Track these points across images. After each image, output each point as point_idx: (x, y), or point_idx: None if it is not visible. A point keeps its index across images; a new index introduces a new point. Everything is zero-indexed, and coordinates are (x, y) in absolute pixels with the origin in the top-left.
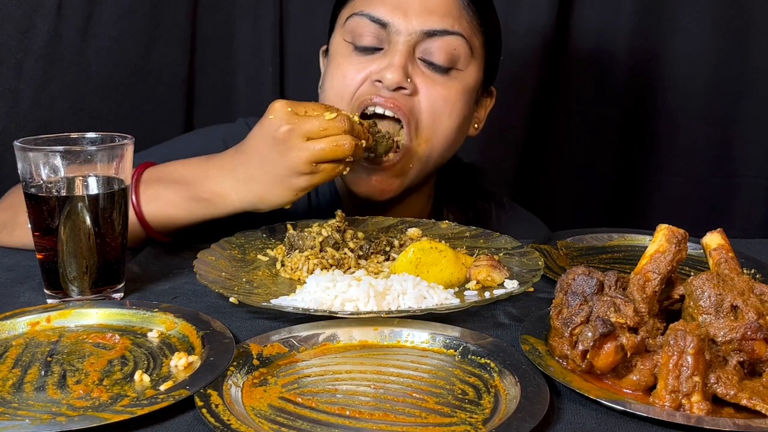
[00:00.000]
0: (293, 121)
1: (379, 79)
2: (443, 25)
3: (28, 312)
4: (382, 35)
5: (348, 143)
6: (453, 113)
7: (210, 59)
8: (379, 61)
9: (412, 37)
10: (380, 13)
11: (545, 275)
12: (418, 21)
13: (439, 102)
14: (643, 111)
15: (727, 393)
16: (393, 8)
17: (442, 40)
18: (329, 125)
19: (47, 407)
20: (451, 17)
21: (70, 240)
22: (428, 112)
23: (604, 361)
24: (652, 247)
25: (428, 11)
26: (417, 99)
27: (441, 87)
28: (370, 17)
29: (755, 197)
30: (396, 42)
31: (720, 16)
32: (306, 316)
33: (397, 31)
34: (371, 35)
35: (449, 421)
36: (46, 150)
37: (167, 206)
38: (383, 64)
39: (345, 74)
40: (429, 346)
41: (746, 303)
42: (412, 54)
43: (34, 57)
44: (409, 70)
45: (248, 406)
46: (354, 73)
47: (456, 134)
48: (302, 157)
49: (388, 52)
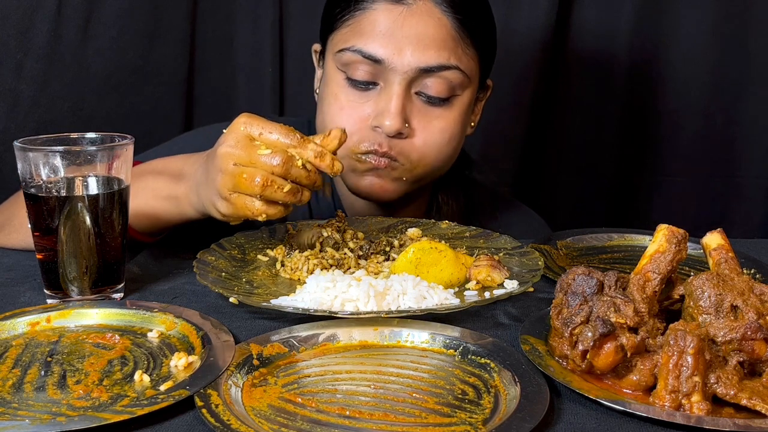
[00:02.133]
0: (235, 145)
1: (377, 125)
2: (439, 61)
3: (28, 312)
4: (376, 71)
5: (260, 181)
6: (451, 139)
7: (210, 59)
8: (375, 100)
9: (407, 74)
10: (373, 50)
11: (545, 275)
12: (414, 58)
13: (435, 135)
14: (643, 111)
15: (727, 393)
16: (387, 43)
17: (438, 75)
18: (257, 161)
19: (47, 407)
20: (447, 50)
21: (70, 240)
22: (424, 147)
23: (604, 361)
24: (652, 247)
25: (424, 46)
26: (413, 140)
27: (437, 120)
28: (363, 54)
29: (755, 197)
30: (392, 82)
31: (720, 16)
32: (306, 316)
33: (393, 68)
34: (365, 71)
35: (449, 421)
36: (45, 150)
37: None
38: (380, 106)
39: (342, 108)
40: (429, 346)
41: (746, 303)
42: (408, 92)
43: (33, 57)
44: (406, 111)
45: (248, 406)
46: (350, 110)
47: (454, 151)
48: (224, 182)
49: (384, 91)
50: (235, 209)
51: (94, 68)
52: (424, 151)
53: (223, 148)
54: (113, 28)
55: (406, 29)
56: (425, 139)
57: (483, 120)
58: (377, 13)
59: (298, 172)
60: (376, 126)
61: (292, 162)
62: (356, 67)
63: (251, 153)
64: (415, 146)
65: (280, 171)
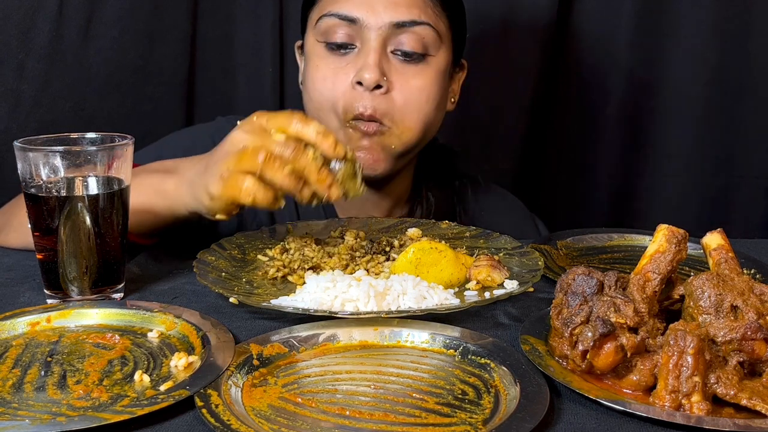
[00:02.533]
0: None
1: (358, 80)
2: (410, 16)
3: (28, 312)
4: (352, 32)
5: (263, 156)
6: (429, 99)
7: (210, 59)
8: (355, 61)
9: (382, 30)
10: (348, 10)
11: (545, 275)
12: (387, 14)
13: (414, 93)
14: (643, 111)
15: (727, 393)
16: (360, 4)
17: (411, 30)
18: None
19: (47, 407)
20: (417, 8)
21: (70, 240)
22: (404, 105)
23: (604, 361)
24: (652, 247)
25: (394, 4)
26: (392, 95)
27: (415, 78)
28: (339, 16)
29: (755, 197)
30: (368, 39)
31: (720, 16)
32: (306, 316)
33: (367, 26)
34: (343, 33)
35: (449, 421)
36: (45, 150)
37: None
38: (359, 64)
39: (325, 77)
40: (429, 346)
41: (746, 303)
42: (384, 49)
43: (35, 57)
44: (383, 66)
45: (248, 407)
46: (333, 77)
47: (434, 115)
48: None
49: (361, 51)
50: (226, 188)
51: (96, 68)
52: (405, 111)
53: (236, 133)
54: (114, 28)
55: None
56: (405, 97)
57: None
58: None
59: (306, 162)
60: (357, 81)
61: (301, 151)
62: (334, 31)
63: (264, 138)
64: (396, 104)
65: (286, 155)
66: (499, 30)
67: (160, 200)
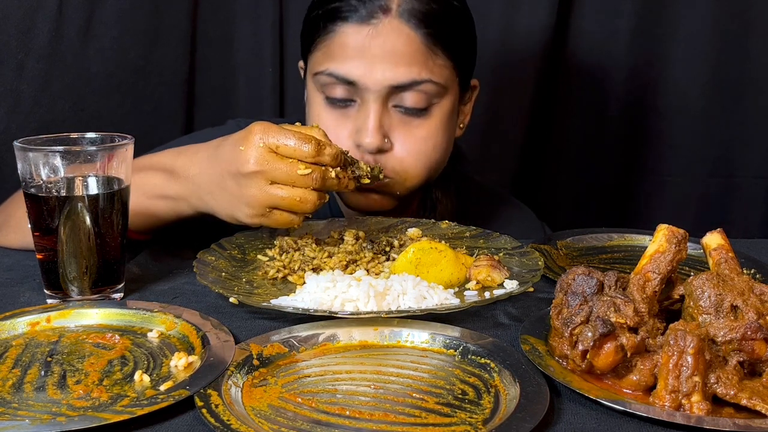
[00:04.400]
0: (263, 163)
1: (358, 143)
2: (410, 76)
3: (28, 312)
4: (351, 90)
5: (312, 201)
6: (435, 146)
7: (210, 59)
8: (355, 116)
9: (381, 92)
10: (345, 71)
11: (545, 275)
12: (385, 76)
13: (418, 144)
14: (643, 111)
15: (727, 393)
16: (358, 64)
17: (412, 89)
18: (298, 180)
19: (47, 407)
20: (417, 65)
21: (70, 240)
22: (408, 156)
23: (604, 361)
24: (652, 247)
25: (394, 63)
26: (395, 151)
27: (418, 128)
28: (336, 76)
29: (755, 197)
30: (367, 99)
31: (720, 16)
32: (306, 316)
33: (366, 87)
34: (341, 90)
35: (449, 421)
36: (45, 150)
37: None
38: (358, 123)
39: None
40: (429, 346)
41: (746, 303)
42: (384, 107)
43: (35, 57)
44: (384, 124)
45: (248, 407)
46: (335, 129)
47: (442, 156)
48: (259, 198)
49: (361, 108)
50: (274, 223)
51: (95, 68)
52: (409, 162)
53: (251, 167)
54: (114, 29)
55: (375, 48)
56: (408, 150)
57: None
58: (346, 36)
59: (331, 183)
60: (357, 144)
61: (327, 176)
62: (332, 88)
63: (289, 169)
64: (398, 158)
65: (318, 185)
66: (499, 30)
67: (164, 205)
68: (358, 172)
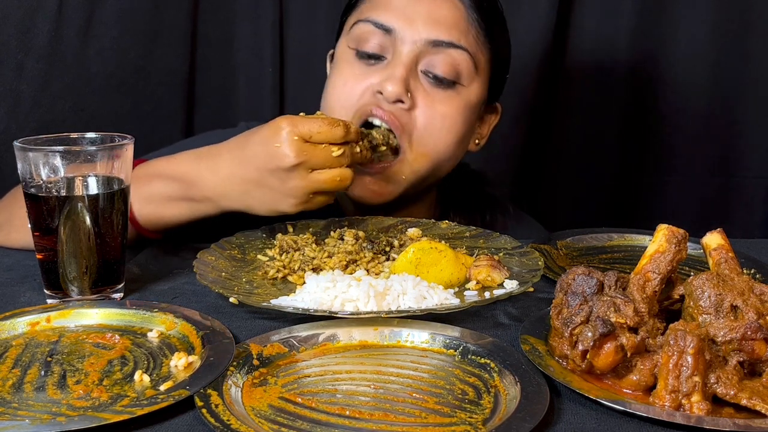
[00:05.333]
0: (302, 154)
1: (379, 90)
2: (449, 37)
3: (28, 312)
4: (386, 43)
5: (348, 178)
6: (452, 129)
7: (210, 59)
8: (381, 71)
9: (416, 46)
10: (385, 19)
11: (545, 275)
12: (425, 30)
13: (437, 118)
14: (643, 111)
15: (727, 393)
16: (399, 15)
17: (446, 53)
18: (335, 162)
19: (47, 407)
20: (458, 30)
21: (70, 240)
22: (424, 128)
23: (604, 361)
24: (652, 247)
25: (435, 21)
26: (414, 114)
27: (441, 104)
28: (375, 23)
29: (755, 197)
30: (400, 52)
31: (720, 16)
32: (306, 316)
33: (402, 38)
34: (375, 42)
35: (449, 421)
36: (45, 150)
37: (158, 204)
38: (384, 76)
39: (346, 82)
40: (429, 346)
41: (746, 303)
42: (414, 67)
43: (34, 57)
44: (410, 83)
45: (248, 406)
46: (354, 82)
47: (454, 149)
48: (303, 187)
49: (390, 63)
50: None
51: (95, 68)
52: (424, 134)
53: (291, 161)
54: (114, 29)
55: (421, 6)
56: (426, 119)
57: None
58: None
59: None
60: (378, 91)
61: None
62: (367, 38)
63: (325, 154)
64: (416, 121)
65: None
66: None
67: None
68: (374, 142)
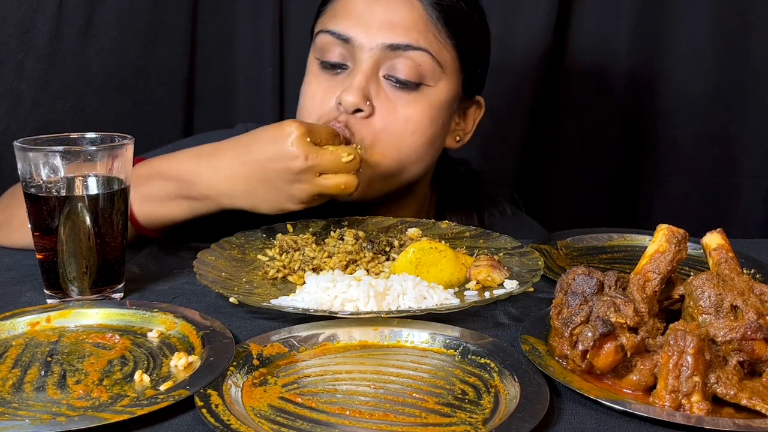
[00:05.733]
0: (312, 156)
1: (339, 101)
2: (407, 40)
3: (28, 312)
4: (346, 52)
5: (353, 186)
6: (417, 131)
7: (210, 59)
8: (343, 81)
9: (374, 52)
10: (343, 28)
11: (545, 275)
12: (381, 35)
13: (398, 122)
14: (643, 111)
15: (727, 393)
16: (356, 22)
17: (406, 55)
18: (344, 167)
19: (47, 407)
20: (416, 31)
21: (70, 240)
22: (383, 131)
23: (604, 361)
24: (652, 247)
25: (391, 25)
26: (372, 120)
27: (404, 107)
28: (333, 33)
29: (755, 197)
30: (360, 60)
31: (719, 17)
32: (306, 316)
33: (360, 45)
34: (337, 52)
35: (449, 421)
36: (45, 150)
37: (157, 203)
38: (345, 84)
39: (314, 95)
40: (429, 346)
41: (746, 303)
42: (375, 72)
43: (34, 57)
44: (370, 91)
45: (248, 406)
46: (322, 95)
47: (422, 150)
48: (309, 191)
49: (352, 71)
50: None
51: (95, 68)
52: (382, 137)
53: (301, 163)
54: (114, 29)
55: (377, 11)
56: (386, 123)
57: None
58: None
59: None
60: (338, 102)
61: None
62: (329, 49)
63: (335, 159)
64: (373, 127)
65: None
66: (499, 30)
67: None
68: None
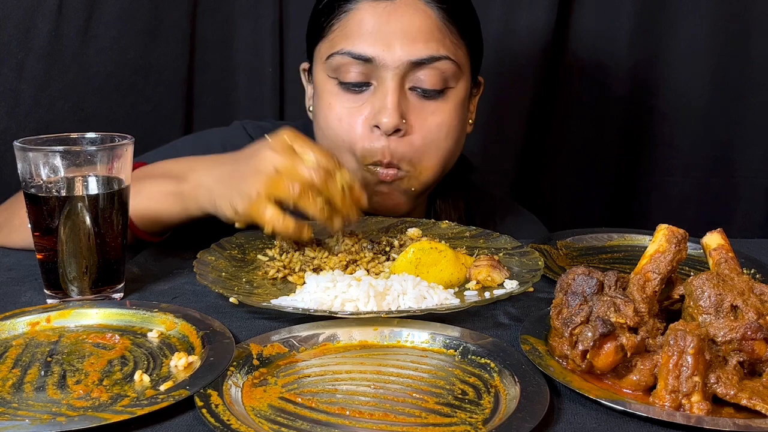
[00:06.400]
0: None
1: (376, 124)
2: (429, 52)
3: (28, 312)
4: (368, 70)
5: (298, 189)
6: (449, 135)
7: (210, 59)
8: (371, 100)
9: (399, 69)
10: (362, 49)
11: (545, 275)
12: (403, 51)
13: (433, 132)
14: (643, 111)
15: (727, 393)
16: (375, 41)
17: (430, 66)
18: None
19: (47, 407)
20: (435, 41)
21: (70, 240)
22: (423, 146)
23: (604, 361)
24: (652, 247)
25: (412, 39)
26: (411, 138)
27: (433, 115)
28: (352, 55)
29: (755, 197)
30: (384, 78)
31: (719, 16)
32: (306, 316)
33: (384, 65)
34: (357, 72)
35: (449, 421)
36: (45, 150)
37: (148, 200)
38: (376, 106)
39: (340, 118)
40: (429, 346)
41: (746, 303)
42: (402, 88)
43: (34, 57)
44: (402, 107)
45: (248, 406)
46: (347, 117)
47: (455, 148)
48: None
49: (378, 90)
50: (252, 210)
51: (95, 68)
52: (424, 151)
53: (267, 152)
54: (114, 28)
55: (393, 24)
56: (423, 137)
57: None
58: (362, 13)
59: (335, 190)
60: (375, 125)
61: (330, 179)
62: (347, 69)
63: (294, 161)
64: (414, 146)
65: (318, 184)
66: (499, 30)
67: (173, 203)
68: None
